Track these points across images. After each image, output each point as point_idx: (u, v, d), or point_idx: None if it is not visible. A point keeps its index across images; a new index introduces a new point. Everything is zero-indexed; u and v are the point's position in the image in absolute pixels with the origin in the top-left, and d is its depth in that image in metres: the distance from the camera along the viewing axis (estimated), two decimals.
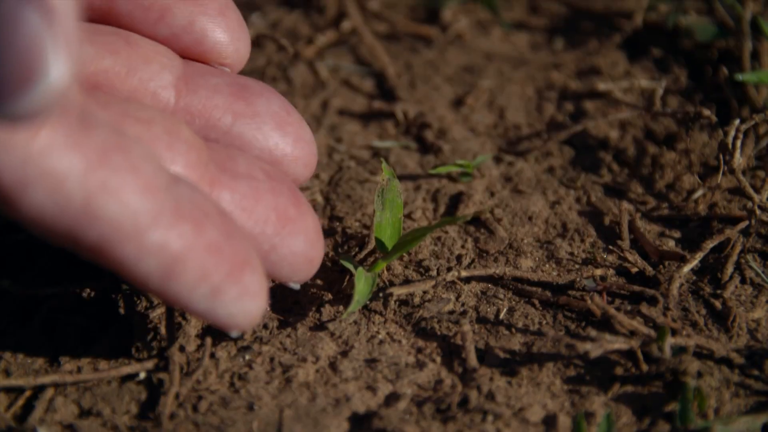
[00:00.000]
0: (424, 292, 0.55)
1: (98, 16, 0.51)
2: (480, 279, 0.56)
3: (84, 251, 0.44)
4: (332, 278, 0.56)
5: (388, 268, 0.57)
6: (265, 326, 0.53)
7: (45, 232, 0.43)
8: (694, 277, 0.56)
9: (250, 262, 0.46)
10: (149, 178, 0.43)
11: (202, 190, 0.47)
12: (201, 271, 0.45)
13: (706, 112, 0.63)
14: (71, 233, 0.43)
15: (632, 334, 0.51)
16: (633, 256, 0.57)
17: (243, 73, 0.73)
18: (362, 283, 0.53)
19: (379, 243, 0.55)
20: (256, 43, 0.75)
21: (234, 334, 0.48)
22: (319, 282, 0.56)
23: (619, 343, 0.50)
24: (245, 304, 0.46)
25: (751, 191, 0.58)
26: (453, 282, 0.56)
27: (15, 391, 0.50)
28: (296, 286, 0.51)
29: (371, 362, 0.51)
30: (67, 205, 0.42)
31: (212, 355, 0.51)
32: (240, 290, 0.46)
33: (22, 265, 0.56)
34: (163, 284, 0.45)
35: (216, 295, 0.45)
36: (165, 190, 0.44)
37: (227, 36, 0.53)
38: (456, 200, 0.62)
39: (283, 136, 0.52)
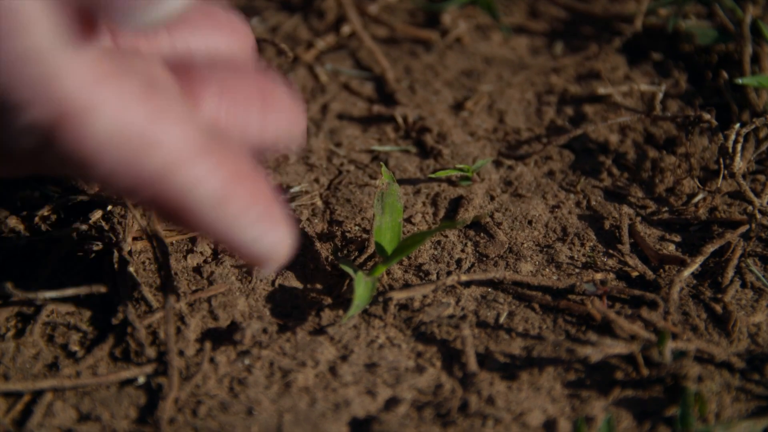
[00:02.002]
0: (424, 297, 0.55)
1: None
2: (480, 283, 0.56)
3: (146, 187, 0.45)
4: (332, 282, 0.56)
5: (388, 273, 0.57)
6: (265, 331, 0.53)
7: (109, 169, 0.44)
8: (695, 281, 0.56)
9: (275, 196, 0.49)
10: (186, 111, 0.45)
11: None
12: (252, 191, 0.47)
13: (707, 116, 0.63)
14: (135, 164, 0.44)
15: (632, 338, 0.51)
16: (633, 260, 0.57)
17: None
18: (362, 288, 0.53)
19: (379, 247, 0.55)
20: (256, 47, 0.75)
21: (269, 269, 0.49)
22: (318, 286, 0.56)
23: (619, 348, 0.50)
24: (285, 231, 0.48)
25: (751, 195, 0.58)
26: (453, 286, 0.56)
27: (14, 396, 0.50)
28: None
29: (371, 367, 0.51)
30: (131, 129, 0.43)
31: (211, 360, 0.51)
32: (277, 217, 0.48)
33: (21, 269, 0.56)
34: (217, 211, 0.46)
35: (262, 220, 0.47)
36: (204, 119, 0.47)
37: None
38: (456, 204, 0.62)
39: (220, 31, 0.53)
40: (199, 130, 0.45)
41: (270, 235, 0.48)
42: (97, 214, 0.58)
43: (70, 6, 0.42)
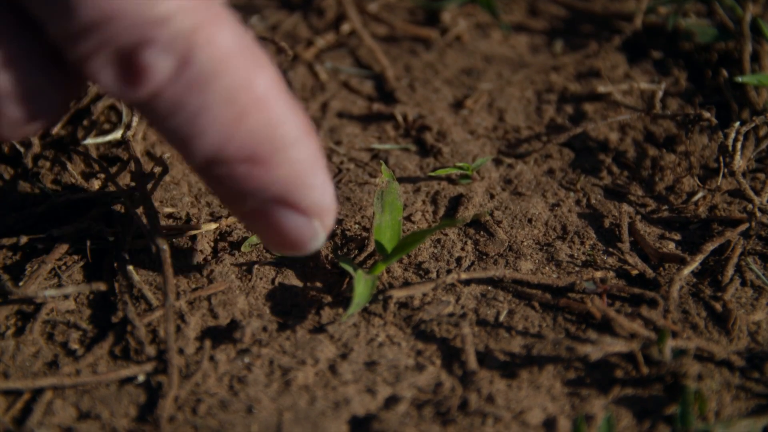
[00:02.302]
0: (424, 295, 0.55)
1: None
2: (480, 281, 0.56)
3: (252, 100, 0.45)
4: (332, 281, 0.56)
5: (388, 271, 0.57)
6: (265, 329, 0.53)
7: (231, 78, 0.44)
8: (695, 280, 0.56)
9: None
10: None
11: None
12: (317, 146, 0.48)
13: (706, 114, 0.63)
14: (248, 80, 0.45)
15: (632, 336, 0.51)
16: (633, 259, 0.57)
17: None
18: (362, 286, 0.53)
19: (379, 246, 0.55)
20: None
21: (327, 228, 0.50)
22: (318, 284, 0.56)
23: (619, 346, 0.50)
24: (332, 193, 0.49)
25: (751, 193, 0.58)
26: (453, 284, 0.56)
27: (13, 394, 0.50)
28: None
29: (371, 365, 0.51)
30: (246, 45, 0.45)
31: (211, 358, 0.51)
32: (328, 179, 0.49)
33: (21, 267, 0.56)
34: (297, 148, 0.47)
35: (317, 172, 0.48)
36: None
37: None
38: (456, 202, 0.62)
39: None
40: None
41: (330, 185, 0.48)
42: (96, 213, 0.58)
43: None
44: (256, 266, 0.57)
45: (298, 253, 0.50)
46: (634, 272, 0.57)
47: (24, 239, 0.57)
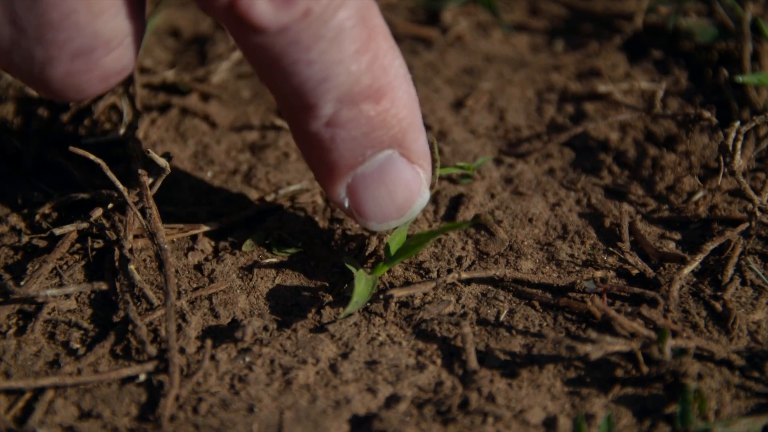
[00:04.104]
0: (425, 294, 0.55)
1: None
2: (480, 281, 0.56)
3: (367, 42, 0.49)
4: (333, 280, 0.56)
5: (389, 270, 0.57)
6: (265, 328, 0.53)
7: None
8: (695, 279, 0.56)
9: None
10: None
11: None
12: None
13: (707, 114, 0.63)
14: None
15: (633, 335, 0.51)
16: (633, 258, 0.57)
17: (244, 74, 0.74)
18: (362, 285, 0.53)
19: (387, 249, 0.55)
20: None
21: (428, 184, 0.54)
22: (319, 284, 0.56)
23: (619, 345, 0.50)
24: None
25: (751, 193, 0.58)
26: (453, 284, 0.56)
27: (15, 393, 0.50)
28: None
29: (371, 364, 0.51)
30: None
31: (212, 357, 0.51)
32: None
33: (23, 267, 0.56)
34: (410, 85, 0.50)
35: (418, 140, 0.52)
36: None
37: None
38: (456, 202, 0.62)
39: None
40: None
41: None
42: (97, 212, 0.58)
43: None
44: (257, 266, 0.57)
45: (404, 217, 0.53)
46: (635, 272, 0.57)
47: (25, 239, 0.57)
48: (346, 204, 0.52)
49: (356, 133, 0.49)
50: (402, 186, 0.52)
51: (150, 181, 0.57)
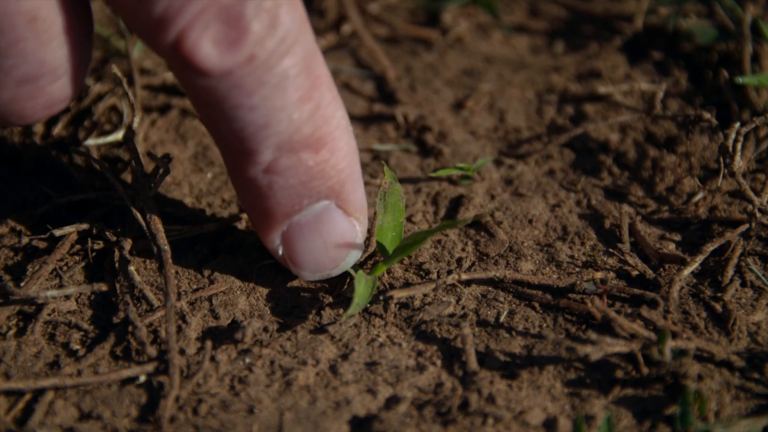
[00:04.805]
0: (425, 295, 0.55)
1: None
2: (480, 282, 0.56)
3: (313, 83, 0.48)
4: (333, 281, 0.56)
5: (389, 271, 0.57)
6: (265, 329, 0.53)
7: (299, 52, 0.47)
8: (695, 280, 0.56)
9: None
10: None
11: None
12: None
13: (707, 115, 0.63)
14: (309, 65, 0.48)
15: (632, 337, 0.51)
16: (633, 259, 0.57)
17: None
18: (362, 286, 0.53)
19: (380, 246, 0.55)
20: None
21: (363, 228, 0.54)
22: (319, 285, 0.56)
23: (619, 346, 0.50)
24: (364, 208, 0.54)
25: (751, 194, 0.58)
26: (453, 285, 0.56)
27: (15, 394, 0.50)
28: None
29: (371, 365, 0.51)
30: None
31: (212, 358, 0.51)
32: (364, 200, 0.54)
33: (23, 268, 0.56)
34: (350, 135, 0.50)
35: (356, 186, 0.52)
36: None
37: None
38: (456, 203, 0.62)
39: None
40: None
41: (355, 202, 0.51)
42: (98, 213, 0.58)
43: None
44: (257, 267, 0.57)
45: (337, 269, 0.53)
46: (635, 273, 0.57)
47: (25, 240, 0.57)
48: (280, 252, 0.53)
49: (294, 181, 0.49)
50: (337, 237, 0.52)
51: (150, 181, 0.57)
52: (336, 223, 0.51)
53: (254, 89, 0.46)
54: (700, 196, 0.62)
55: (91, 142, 0.64)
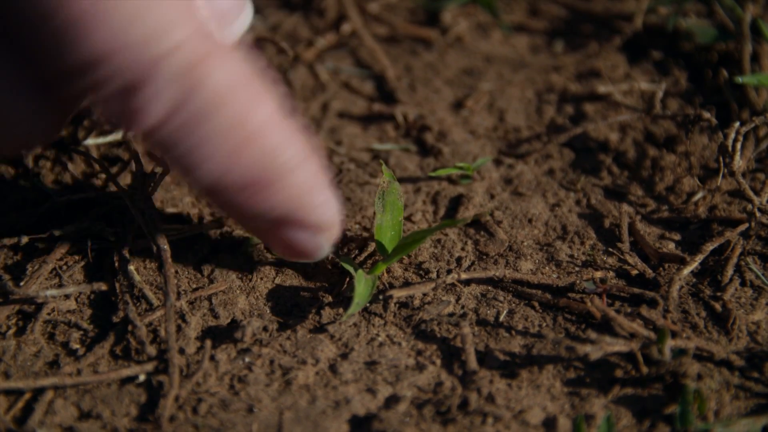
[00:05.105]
0: (424, 295, 0.55)
1: None
2: (480, 281, 0.56)
3: (247, 137, 0.46)
4: (332, 280, 0.56)
5: (388, 271, 0.57)
6: (265, 329, 0.53)
7: (231, 110, 0.45)
8: (694, 280, 0.56)
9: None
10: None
11: None
12: (318, 164, 0.49)
13: (706, 114, 0.63)
14: (244, 114, 0.46)
15: (632, 336, 0.51)
16: (633, 259, 0.57)
17: None
18: (362, 286, 0.53)
19: (380, 245, 0.55)
20: (256, 45, 0.75)
21: (328, 244, 0.51)
22: (319, 284, 0.56)
23: (619, 346, 0.50)
24: (333, 209, 0.50)
25: (751, 194, 0.58)
26: (453, 284, 0.56)
27: (14, 394, 0.50)
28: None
29: (371, 365, 0.51)
30: (241, 80, 0.45)
31: (212, 358, 0.51)
32: (327, 196, 0.50)
33: (22, 267, 0.56)
34: (295, 175, 0.48)
35: (327, 187, 0.49)
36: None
37: None
38: (456, 203, 0.62)
39: None
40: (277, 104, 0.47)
41: (333, 202, 0.50)
42: (97, 213, 0.58)
43: None
44: (256, 266, 0.57)
45: (306, 260, 0.53)
46: (634, 272, 0.57)
47: (25, 239, 0.57)
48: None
49: (233, 210, 0.49)
50: (298, 245, 0.51)
51: (150, 181, 0.57)
52: (293, 238, 0.51)
53: (169, 148, 0.46)
54: (699, 195, 0.62)
55: (90, 141, 0.64)
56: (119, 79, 0.42)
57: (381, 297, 0.54)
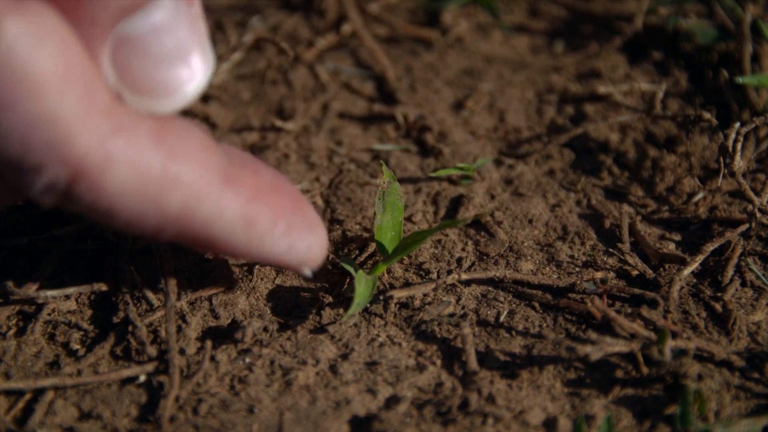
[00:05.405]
0: (425, 295, 0.55)
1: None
2: (480, 282, 0.56)
3: (170, 224, 0.45)
4: (333, 281, 0.56)
5: (389, 271, 0.57)
6: (265, 329, 0.53)
7: (131, 215, 0.44)
8: (695, 280, 0.56)
9: (302, 198, 0.49)
10: (202, 138, 0.45)
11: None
12: (274, 208, 0.47)
13: (707, 115, 0.63)
14: (156, 206, 0.44)
15: (632, 336, 0.51)
16: (633, 259, 0.57)
17: (244, 75, 0.74)
18: (362, 286, 0.53)
19: (380, 246, 0.55)
20: (257, 46, 0.75)
21: (308, 272, 0.50)
22: (319, 285, 0.56)
23: (619, 346, 0.50)
24: (315, 234, 0.49)
25: (751, 194, 0.58)
26: (453, 285, 0.56)
27: (15, 394, 0.50)
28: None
29: (371, 365, 0.51)
30: (147, 176, 0.43)
31: (212, 358, 0.51)
32: (306, 222, 0.49)
33: (22, 267, 0.56)
34: (247, 233, 0.47)
35: (291, 230, 0.48)
36: (219, 148, 0.47)
37: None
38: (456, 203, 0.62)
39: None
40: (215, 159, 0.45)
41: (301, 242, 0.49)
42: None
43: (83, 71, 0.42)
44: (257, 267, 0.57)
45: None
46: (635, 273, 0.57)
47: (25, 239, 0.57)
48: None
49: None
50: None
51: None
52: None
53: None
54: (700, 196, 0.62)
55: None
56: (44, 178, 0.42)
57: (381, 297, 0.54)
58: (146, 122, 0.44)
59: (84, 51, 0.42)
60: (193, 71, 0.45)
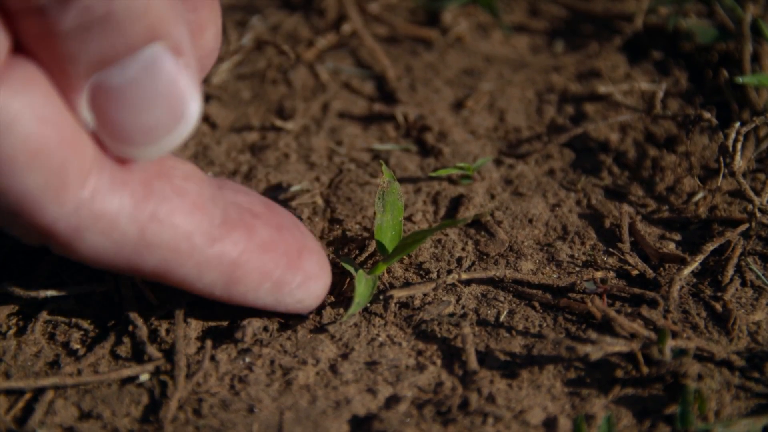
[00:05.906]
0: (425, 295, 0.55)
1: None
2: (480, 281, 0.56)
3: (147, 276, 0.46)
4: (333, 281, 0.56)
5: (389, 271, 0.57)
6: (266, 329, 0.53)
7: (106, 267, 0.45)
8: (695, 280, 0.56)
9: (306, 246, 0.49)
10: (195, 196, 0.45)
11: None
12: (261, 270, 0.47)
13: (707, 114, 0.63)
14: (131, 264, 0.45)
15: (633, 336, 0.51)
16: (633, 259, 0.57)
17: (244, 75, 0.74)
18: (362, 286, 0.53)
19: (380, 245, 0.55)
20: (257, 46, 0.75)
21: (303, 313, 0.50)
22: None
23: (619, 346, 0.50)
24: (310, 288, 0.49)
25: (751, 194, 0.58)
26: (453, 284, 0.56)
27: (15, 394, 0.50)
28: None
29: (371, 365, 0.51)
30: (123, 241, 0.43)
31: (212, 358, 0.51)
32: (302, 276, 0.49)
33: (22, 267, 0.56)
34: (228, 291, 0.47)
35: (280, 288, 0.48)
36: (212, 202, 0.46)
37: None
38: (456, 203, 0.62)
39: None
40: (203, 220, 0.45)
41: (290, 297, 0.49)
42: None
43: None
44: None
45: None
46: (635, 272, 0.57)
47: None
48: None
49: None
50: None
51: None
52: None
53: None
54: (700, 195, 0.62)
55: None
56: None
57: (381, 297, 0.54)
58: (131, 183, 0.43)
59: (70, 110, 0.42)
60: (176, 120, 0.43)
